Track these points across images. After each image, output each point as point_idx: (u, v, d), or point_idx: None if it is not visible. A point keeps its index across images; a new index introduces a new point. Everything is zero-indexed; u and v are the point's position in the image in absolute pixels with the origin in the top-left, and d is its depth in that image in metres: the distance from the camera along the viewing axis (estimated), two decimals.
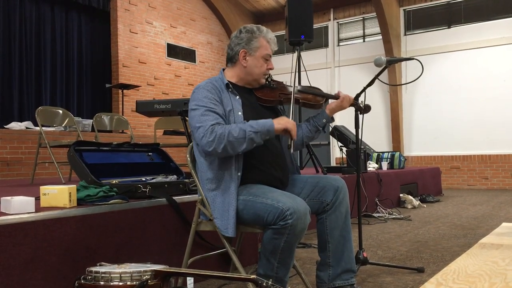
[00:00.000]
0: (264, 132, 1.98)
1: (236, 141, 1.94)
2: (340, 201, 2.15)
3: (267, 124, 1.99)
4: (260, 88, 2.25)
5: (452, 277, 2.58)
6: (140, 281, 1.57)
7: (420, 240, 3.73)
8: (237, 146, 1.96)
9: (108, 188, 2.38)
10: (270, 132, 1.99)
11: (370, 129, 9.30)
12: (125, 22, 9.29)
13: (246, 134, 1.95)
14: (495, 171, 9.06)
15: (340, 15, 10.92)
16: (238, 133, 1.95)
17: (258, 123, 1.99)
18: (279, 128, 2.00)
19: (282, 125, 2.00)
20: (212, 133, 1.95)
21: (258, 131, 1.97)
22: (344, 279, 2.16)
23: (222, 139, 1.94)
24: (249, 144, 1.97)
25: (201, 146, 1.99)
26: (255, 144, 1.99)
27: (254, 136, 1.96)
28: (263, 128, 1.98)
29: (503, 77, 8.96)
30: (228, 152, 1.97)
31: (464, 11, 9.49)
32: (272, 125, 1.99)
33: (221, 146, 1.94)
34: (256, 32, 2.18)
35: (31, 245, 1.86)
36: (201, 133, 1.97)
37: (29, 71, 8.13)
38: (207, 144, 1.95)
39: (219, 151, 1.96)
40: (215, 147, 1.94)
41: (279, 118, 2.05)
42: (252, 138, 1.96)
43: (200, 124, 1.99)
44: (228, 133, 1.94)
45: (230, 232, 2.00)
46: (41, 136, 4.72)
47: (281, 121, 2.02)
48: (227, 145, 1.94)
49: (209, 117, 2.00)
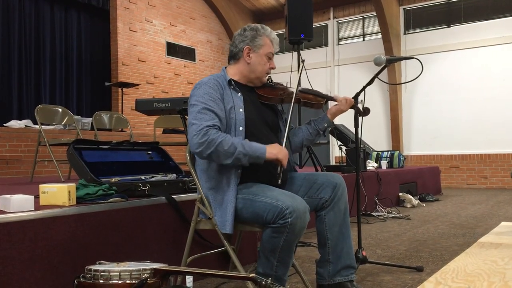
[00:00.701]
0: (254, 157, 1.97)
1: (223, 153, 1.93)
2: (339, 198, 2.15)
3: (258, 151, 1.96)
4: (262, 86, 2.27)
5: (451, 276, 2.58)
6: (139, 279, 1.57)
7: (419, 239, 3.73)
8: (222, 158, 1.95)
9: (108, 186, 2.38)
10: (259, 159, 1.97)
11: (370, 128, 9.31)
12: (125, 20, 9.28)
13: (236, 152, 1.93)
14: (494, 170, 9.07)
15: (339, 14, 10.91)
16: (228, 147, 1.93)
17: (251, 146, 1.96)
18: (270, 157, 1.97)
19: (274, 155, 1.97)
20: (205, 135, 1.94)
21: (247, 155, 1.95)
22: (344, 275, 2.16)
23: (211, 145, 1.93)
24: (235, 162, 1.96)
25: (190, 144, 1.99)
26: (240, 164, 1.98)
27: (242, 157, 1.94)
28: (254, 153, 1.96)
29: (502, 77, 8.97)
30: (212, 159, 1.97)
31: (463, 11, 9.49)
32: (264, 153, 1.96)
33: (208, 151, 1.93)
34: (260, 31, 2.20)
35: (30, 244, 1.86)
36: (194, 131, 1.96)
37: (29, 69, 8.12)
38: (196, 144, 1.94)
39: (204, 155, 1.95)
40: (202, 150, 1.94)
41: (272, 146, 2.00)
42: (239, 158, 1.95)
43: (195, 122, 1.99)
44: (219, 143, 1.92)
45: (228, 228, 1.99)
46: (40, 134, 4.71)
47: (274, 150, 1.98)
48: (213, 152, 1.93)
49: (206, 116, 1.99)
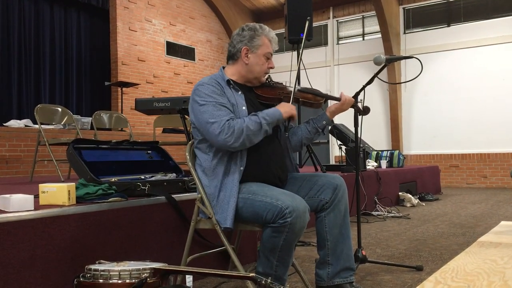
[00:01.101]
0: (274, 122, 2.10)
1: (253, 134, 2.02)
2: (339, 199, 2.15)
3: (276, 114, 2.09)
4: (260, 86, 2.26)
5: (450, 275, 2.58)
6: (139, 279, 1.57)
7: (419, 239, 3.73)
8: (254, 139, 2.04)
9: (107, 186, 2.38)
10: (279, 121, 2.12)
11: (369, 128, 9.31)
12: (124, 20, 9.28)
13: (262, 126, 2.04)
14: (494, 170, 9.07)
15: (339, 14, 10.91)
16: (254, 126, 2.02)
17: (268, 114, 2.07)
18: (286, 116, 2.13)
19: (288, 113, 2.13)
20: (230, 128, 1.98)
21: (270, 122, 2.07)
22: (343, 277, 2.16)
23: (240, 134, 1.99)
24: (263, 135, 2.07)
25: (219, 142, 1.99)
26: (266, 134, 2.09)
27: (268, 128, 2.06)
28: (274, 118, 2.08)
29: (502, 76, 8.97)
30: (245, 145, 2.04)
31: (463, 10, 9.49)
32: (281, 114, 2.10)
33: (239, 140, 1.99)
34: (258, 30, 2.19)
35: (30, 243, 1.86)
36: (217, 129, 1.98)
37: (28, 69, 8.12)
38: (226, 139, 1.98)
39: (237, 145, 2.00)
40: (234, 141, 1.99)
41: (282, 105, 2.15)
42: (266, 130, 2.06)
43: (215, 120, 2.00)
44: (246, 127, 2.00)
45: (228, 223, 1.99)
46: (40, 134, 4.71)
47: (286, 108, 2.13)
48: (245, 139, 2.00)
49: (222, 112, 2.03)
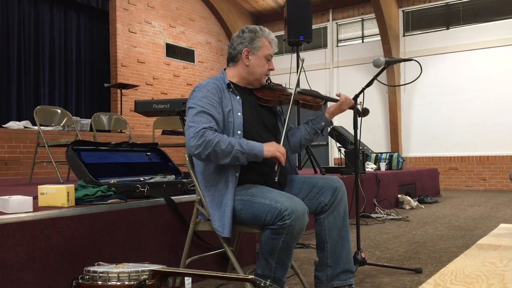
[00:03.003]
0: (251, 155, 1.97)
1: (221, 153, 1.94)
2: (338, 202, 2.15)
3: (256, 148, 1.97)
4: (260, 88, 2.26)
5: (449, 278, 2.58)
6: (138, 281, 1.57)
7: (418, 241, 3.73)
8: (221, 158, 1.95)
9: (106, 187, 2.38)
10: (257, 157, 1.98)
11: (369, 130, 9.32)
12: (124, 21, 9.28)
13: (233, 151, 1.94)
14: (493, 172, 9.07)
15: (339, 16, 10.92)
16: (226, 146, 1.93)
17: (248, 144, 1.97)
18: (268, 155, 1.98)
19: (272, 152, 1.98)
20: (202, 137, 1.94)
21: (245, 153, 1.95)
22: (342, 280, 2.16)
23: (209, 146, 1.93)
24: (233, 161, 1.96)
25: (188, 147, 1.99)
26: (239, 163, 1.98)
27: (240, 155, 1.95)
28: (251, 151, 1.96)
29: (501, 79, 8.98)
30: (210, 160, 1.97)
31: (462, 13, 9.51)
32: (261, 151, 1.97)
33: (205, 152, 1.93)
34: (258, 32, 2.19)
35: (28, 245, 1.86)
36: (191, 134, 1.97)
37: (28, 70, 8.12)
38: (194, 146, 1.94)
39: (202, 156, 1.95)
40: (200, 151, 1.94)
41: (270, 144, 2.02)
42: (238, 157, 1.95)
43: (192, 124, 1.99)
44: (217, 143, 1.93)
45: (226, 232, 1.99)
46: (39, 135, 4.71)
47: (271, 148, 1.99)
48: (211, 153, 1.94)
49: (203, 119, 1.99)
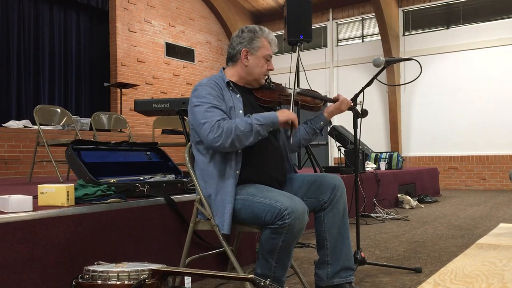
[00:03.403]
0: (269, 124, 2.03)
1: (243, 134, 1.97)
2: (338, 199, 2.15)
3: (271, 116, 2.04)
4: (260, 88, 2.25)
5: (449, 277, 2.58)
6: (137, 280, 1.57)
7: (417, 241, 3.73)
8: (244, 140, 1.99)
9: (106, 187, 2.38)
10: (274, 124, 2.04)
11: (369, 130, 9.31)
12: (124, 21, 9.28)
13: (253, 127, 1.98)
14: (493, 172, 9.08)
15: (339, 15, 10.92)
16: (244, 126, 1.98)
17: (262, 116, 2.03)
18: (282, 120, 2.05)
19: (285, 117, 2.06)
20: (219, 128, 1.96)
21: (263, 124, 2.01)
22: (343, 277, 2.16)
23: (229, 134, 1.96)
24: (256, 137, 2.01)
25: (208, 142, 1.99)
26: (261, 136, 2.03)
27: (260, 128, 2.00)
28: (268, 120, 2.02)
29: (501, 78, 8.98)
30: (235, 146, 1.99)
31: (462, 12, 9.51)
32: (276, 117, 2.04)
33: (228, 140, 1.96)
34: (258, 32, 2.19)
35: (28, 244, 1.86)
36: (207, 129, 1.98)
37: (28, 69, 8.12)
38: (214, 139, 1.96)
39: (226, 145, 1.97)
40: (223, 142, 1.96)
41: (281, 110, 2.10)
42: (258, 130, 2.00)
43: (206, 120, 2.00)
44: (235, 127, 1.96)
45: (226, 229, 2.00)
46: (39, 134, 4.71)
47: (284, 113, 2.07)
48: (234, 139, 1.96)
49: (214, 113, 2.01)
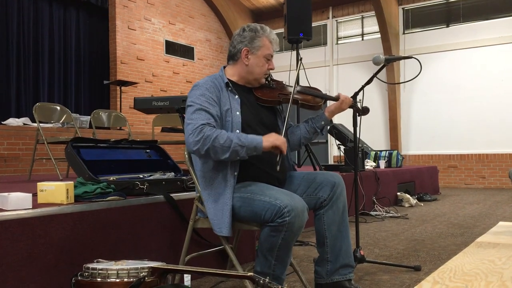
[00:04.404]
0: (251, 148, 1.94)
1: (220, 147, 1.91)
2: (337, 197, 2.15)
3: (255, 141, 1.94)
4: (260, 87, 2.24)
5: (448, 275, 2.59)
6: (137, 278, 1.57)
7: (417, 239, 3.74)
8: (220, 153, 1.93)
9: (106, 185, 2.38)
10: (257, 149, 1.95)
11: (368, 128, 9.30)
12: (124, 18, 9.27)
13: (232, 144, 1.91)
14: (492, 170, 9.08)
15: (339, 13, 10.91)
16: (224, 140, 1.91)
17: (247, 137, 1.95)
18: (267, 145, 1.95)
19: (271, 142, 1.95)
20: (200, 133, 1.93)
21: (244, 146, 1.93)
22: (342, 274, 2.16)
23: (207, 142, 1.91)
24: (233, 155, 1.93)
25: (187, 144, 1.98)
26: (239, 157, 1.96)
27: (239, 149, 1.92)
28: (251, 144, 1.94)
29: (501, 77, 8.98)
30: (210, 156, 1.95)
31: (462, 10, 9.50)
32: (260, 143, 1.94)
33: (204, 148, 1.92)
34: (259, 32, 2.17)
35: (28, 242, 1.86)
36: (189, 130, 1.96)
37: (27, 67, 8.11)
38: (192, 143, 1.93)
39: (202, 152, 1.94)
40: (199, 147, 1.93)
41: (268, 135, 1.99)
42: (237, 150, 1.92)
43: (190, 121, 1.98)
44: (215, 138, 1.91)
45: (225, 231, 2.00)
46: (38, 132, 4.71)
47: (270, 138, 1.97)
48: (210, 148, 1.92)
49: (201, 116, 1.98)
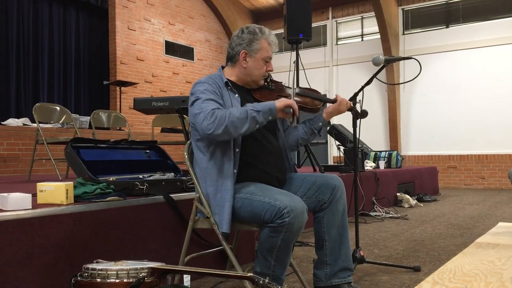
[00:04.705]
0: (266, 111, 1.96)
1: (238, 120, 1.92)
2: (337, 200, 2.15)
3: (268, 104, 1.98)
4: (259, 89, 2.24)
5: (448, 276, 2.59)
6: (136, 278, 1.57)
7: (416, 239, 3.74)
8: (239, 126, 1.93)
9: (105, 185, 2.38)
10: (272, 111, 1.97)
11: (368, 128, 9.31)
12: (123, 19, 9.27)
13: (248, 113, 1.93)
14: (492, 171, 9.08)
15: (338, 14, 10.91)
16: (240, 113, 1.92)
17: (259, 103, 2.00)
18: (280, 105, 1.98)
19: (284, 101, 2.00)
20: (213, 116, 1.93)
21: (260, 110, 1.95)
22: (341, 277, 2.16)
23: (223, 120, 1.91)
24: (252, 124, 1.94)
25: (202, 130, 1.96)
26: (258, 124, 1.96)
27: (256, 114, 1.94)
28: (265, 107, 1.97)
29: (500, 77, 8.98)
30: (230, 133, 1.94)
31: (462, 11, 9.51)
32: (274, 103, 1.98)
33: (221, 127, 1.91)
34: (258, 34, 2.16)
35: (27, 242, 1.86)
36: (202, 117, 1.96)
37: (27, 67, 8.11)
38: (207, 126, 1.93)
39: (219, 132, 1.92)
40: (216, 128, 1.92)
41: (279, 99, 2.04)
42: (254, 116, 1.94)
43: (200, 110, 1.98)
44: (229, 114, 1.92)
45: (225, 227, 2.00)
46: (38, 132, 4.71)
47: (281, 99, 2.02)
48: (228, 125, 1.91)
49: (209, 104, 1.99)
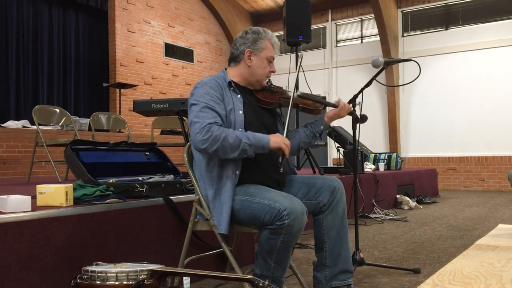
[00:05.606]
0: (259, 147, 1.99)
1: (229, 147, 1.95)
2: (337, 202, 2.16)
3: (263, 140, 1.99)
4: (261, 90, 2.26)
5: (448, 278, 2.58)
6: (136, 280, 1.57)
7: (416, 241, 3.74)
8: (229, 152, 1.96)
9: (105, 187, 2.38)
10: (264, 148, 2.00)
11: (367, 130, 9.31)
12: (123, 21, 9.28)
13: (241, 144, 1.95)
14: (492, 173, 9.08)
15: (338, 16, 10.93)
16: (233, 140, 1.95)
17: (255, 136, 2.00)
18: (274, 146, 2.00)
19: (278, 143, 2.01)
20: (208, 132, 1.94)
21: (253, 145, 1.97)
22: (341, 280, 2.16)
23: (216, 141, 1.93)
24: (241, 154, 1.98)
25: (194, 142, 1.99)
26: (246, 155, 2.00)
27: (247, 148, 1.97)
28: (259, 143, 1.99)
29: (500, 79, 8.99)
30: (218, 155, 1.98)
31: (461, 13, 9.52)
32: (268, 142, 2.00)
33: (213, 147, 1.94)
34: (262, 34, 2.20)
35: (27, 244, 1.86)
36: (197, 129, 1.97)
37: (26, 69, 8.11)
38: (200, 141, 1.95)
39: (210, 151, 1.96)
40: (207, 146, 1.94)
41: (275, 135, 2.05)
42: (245, 149, 1.97)
43: (197, 120, 1.99)
44: (224, 138, 1.94)
45: (223, 229, 2.00)
46: (37, 134, 4.70)
47: (277, 139, 2.02)
48: (219, 148, 1.94)
49: (208, 114, 2.00)
